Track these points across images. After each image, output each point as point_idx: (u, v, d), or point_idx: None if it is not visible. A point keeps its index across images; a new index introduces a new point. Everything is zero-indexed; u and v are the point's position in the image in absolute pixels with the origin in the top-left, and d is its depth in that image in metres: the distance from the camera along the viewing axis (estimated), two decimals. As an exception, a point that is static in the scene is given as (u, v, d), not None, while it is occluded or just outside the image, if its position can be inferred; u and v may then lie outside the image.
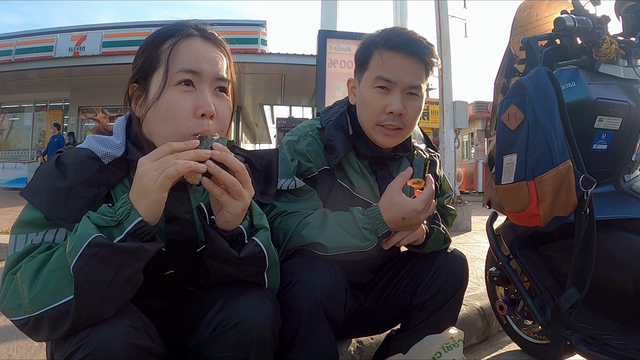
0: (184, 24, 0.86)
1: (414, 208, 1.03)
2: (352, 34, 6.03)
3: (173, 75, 0.80)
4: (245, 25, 12.72)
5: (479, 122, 14.33)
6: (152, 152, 0.72)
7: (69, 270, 0.66)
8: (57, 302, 0.67)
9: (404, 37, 1.11)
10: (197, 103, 0.80)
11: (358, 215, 1.05)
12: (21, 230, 0.77)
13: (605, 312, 1.25)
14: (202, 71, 0.81)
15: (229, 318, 0.80)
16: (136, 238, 0.69)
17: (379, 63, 1.12)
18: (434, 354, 1.09)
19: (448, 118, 5.30)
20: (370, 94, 1.13)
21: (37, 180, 0.79)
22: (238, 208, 0.77)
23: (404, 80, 1.11)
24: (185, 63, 0.81)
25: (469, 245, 3.65)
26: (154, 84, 0.82)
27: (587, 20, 1.21)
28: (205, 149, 0.73)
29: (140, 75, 0.84)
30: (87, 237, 0.65)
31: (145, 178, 0.69)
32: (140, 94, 0.84)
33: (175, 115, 0.79)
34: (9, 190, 11.19)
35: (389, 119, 1.12)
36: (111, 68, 9.64)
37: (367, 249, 1.03)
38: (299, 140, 1.17)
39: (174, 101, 0.80)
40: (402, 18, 7.72)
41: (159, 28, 0.88)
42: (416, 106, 1.14)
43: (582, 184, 1.06)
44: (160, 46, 0.83)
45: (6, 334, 1.56)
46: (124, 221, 0.69)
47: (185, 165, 0.69)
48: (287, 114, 14.94)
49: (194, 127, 0.80)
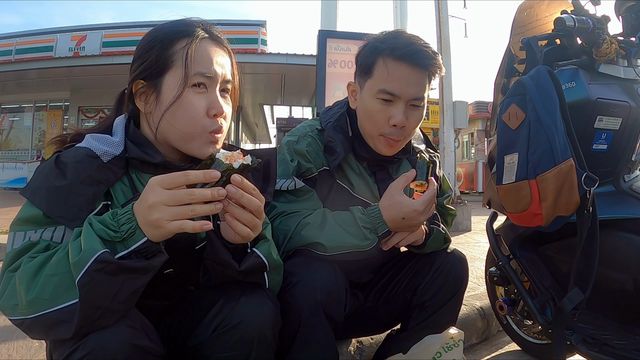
0: (190, 24, 0.88)
1: (415, 208, 1.03)
2: (352, 34, 6.03)
3: (190, 77, 0.84)
4: (245, 25, 12.71)
5: (479, 122, 14.32)
6: (165, 178, 0.67)
7: (67, 276, 0.66)
8: (53, 308, 0.66)
9: (411, 48, 1.08)
10: (210, 104, 0.85)
11: (358, 215, 1.05)
12: (19, 228, 0.77)
13: (606, 312, 1.25)
14: (215, 75, 0.86)
15: (230, 318, 0.80)
16: (141, 255, 0.69)
17: (383, 74, 1.09)
18: (434, 354, 1.09)
19: (448, 118, 5.30)
20: (373, 105, 1.11)
21: (36, 179, 0.79)
22: (251, 236, 0.78)
23: (408, 93, 1.08)
24: (202, 67, 0.85)
25: (469, 245, 3.65)
26: (167, 83, 0.84)
27: (587, 20, 1.21)
28: (220, 188, 0.69)
29: (149, 72, 0.85)
30: (94, 253, 0.64)
31: (156, 213, 0.66)
32: (148, 91, 0.86)
33: (193, 114, 0.84)
34: (9, 190, 11.18)
35: (392, 131, 1.11)
36: (111, 68, 9.63)
37: (367, 248, 1.03)
38: (298, 141, 1.16)
39: (191, 102, 0.84)
40: (402, 18, 7.70)
41: (161, 24, 0.89)
42: (418, 116, 1.13)
43: (585, 183, 1.06)
44: (173, 46, 0.84)
45: (6, 334, 1.56)
46: (128, 239, 0.68)
47: (204, 227, 0.67)
48: (287, 114, 14.93)
49: (209, 126, 0.85)
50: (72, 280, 0.66)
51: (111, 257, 0.65)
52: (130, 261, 0.67)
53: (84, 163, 0.80)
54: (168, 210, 0.66)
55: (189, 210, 0.67)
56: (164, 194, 0.66)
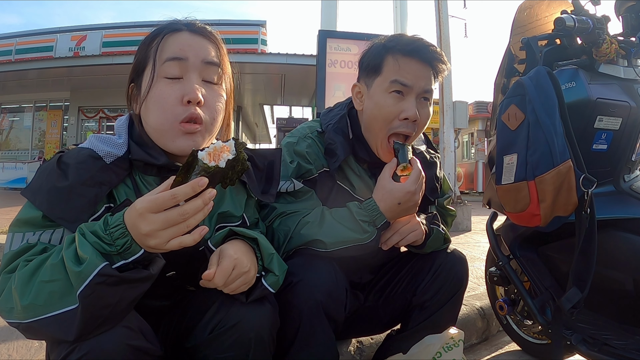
0: (173, 22, 0.88)
1: (407, 190, 1.04)
2: (352, 34, 6.03)
3: (160, 67, 0.82)
4: (245, 25, 12.70)
5: (479, 122, 14.32)
6: (153, 203, 0.64)
7: (61, 283, 0.66)
8: (48, 314, 0.66)
9: (419, 43, 1.11)
10: (183, 91, 0.82)
11: (355, 209, 1.05)
12: (18, 229, 0.76)
13: (605, 312, 1.25)
14: (187, 57, 0.83)
15: (227, 319, 0.81)
16: (138, 264, 0.69)
17: (394, 67, 1.11)
18: (434, 354, 1.09)
19: (448, 118, 5.30)
20: (384, 99, 1.12)
21: (38, 179, 0.79)
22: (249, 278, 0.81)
23: (420, 85, 1.11)
24: (170, 52, 0.83)
25: (469, 245, 3.65)
26: (144, 80, 0.84)
27: (587, 20, 1.21)
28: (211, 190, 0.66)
29: (135, 74, 0.87)
30: (95, 267, 0.64)
31: (152, 240, 0.65)
32: (137, 92, 0.87)
33: (162, 104, 0.81)
34: (9, 190, 11.18)
35: (403, 125, 1.11)
36: (111, 68, 9.63)
37: (367, 241, 1.03)
38: (298, 142, 1.17)
39: (161, 92, 0.82)
40: (402, 18, 7.70)
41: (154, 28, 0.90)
42: (428, 112, 1.15)
43: (583, 184, 1.06)
44: (150, 44, 0.85)
45: (6, 333, 1.56)
46: (125, 252, 0.66)
47: (202, 232, 0.67)
48: (287, 114, 14.93)
49: (180, 114, 0.81)
50: (67, 287, 0.65)
51: (113, 270, 0.65)
52: (132, 272, 0.67)
53: (86, 164, 0.79)
54: (164, 234, 0.65)
55: (184, 227, 0.65)
56: (157, 221, 0.64)
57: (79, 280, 0.64)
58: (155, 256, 0.71)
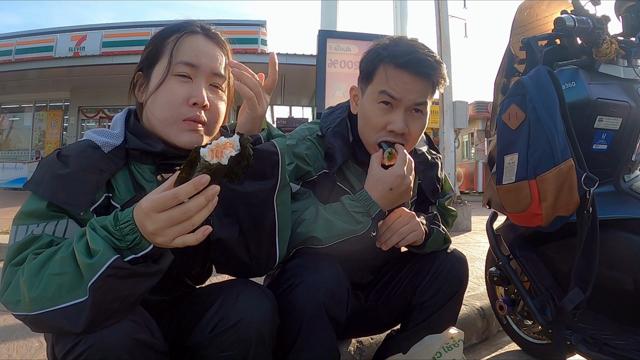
0: (190, 23, 0.92)
1: (397, 174, 1.03)
2: (352, 34, 6.02)
3: (174, 65, 0.86)
4: (245, 25, 12.72)
5: (479, 122, 14.32)
6: (156, 203, 0.65)
7: (71, 275, 0.67)
8: (56, 306, 0.67)
9: (412, 56, 1.06)
10: (191, 93, 0.86)
11: (347, 202, 1.05)
12: (22, 222, 0.77)
13: (606, 312, 1.25)
14: (200, 65, 0.87)
15: (228, 317, 0.81)
16: (148, 258, 0.70)
17: (383, 79, 1.08)
18: (434, 354, 1.09)
19: (448, 118, 5.30)
20: (372, 109, 1.10)
21: (39, 172, 0.81)
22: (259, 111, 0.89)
23: (409, 98, 1.08)
24: (186, 56, 0.87)
25: (469, 245, 3.65)
26: (156, 73, 0.88)
27: (587, 20, 1.21)
28: (214, 187, 0.66)
29: (145, 64, 0.90)
30: (107, 259, 0.65)
31: (158, 237, 0.66)
32: (143, 81, 0.90)
33: (170, 100, 0.85)
34: (9, 190, 11.19)
35: (390, 136, 1.09)
36: (111, 68, 9.64)
37: (362, 231, 1.02)
38: (297, 144, 1.17)
39: (171, 88, 0.86)
40: (402, 18, 7.70)
41: (164, 26, 0.93)
42: (420, 124, 1.12)
43: (584, 183, 1.06)
44: (166, 39, 0.89)
45: (6, 334, 1.56)
46: (134, 247, 0.68)
47: (205, 232, 0.67)
48: (287, 114, 14.94)
49: (185, 113, 0.86)
50: (76, 280, 0.66)
51: (124, 263, 0.66)
52: (142, 266, 0.68)
53: (86, 152, 0.82)
54: (169, 232, 0.66)
55: (189, 225, 0.66)
56: (161, 219, 0.65)
57: (91, 272, 0.65)
58: (164, 251, 0.72)
